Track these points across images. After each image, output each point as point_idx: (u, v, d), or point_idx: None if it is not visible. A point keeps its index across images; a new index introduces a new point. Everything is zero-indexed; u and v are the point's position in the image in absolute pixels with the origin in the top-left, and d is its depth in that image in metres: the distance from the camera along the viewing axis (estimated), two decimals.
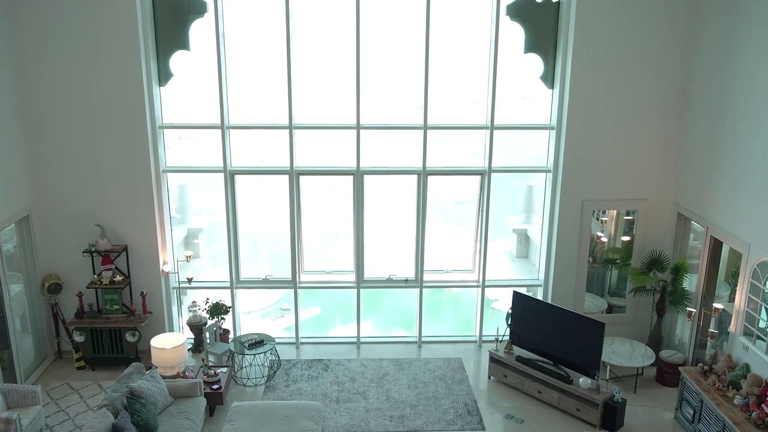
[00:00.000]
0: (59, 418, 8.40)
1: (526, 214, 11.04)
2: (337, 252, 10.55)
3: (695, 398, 8.02)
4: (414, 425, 8.35)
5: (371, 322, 11.01)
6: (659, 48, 9.11)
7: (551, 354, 8.89)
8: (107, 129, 9.14)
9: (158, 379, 8.07)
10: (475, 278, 10.31)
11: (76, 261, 9.49)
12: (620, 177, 9.58)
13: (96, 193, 9.37)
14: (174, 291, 10.02)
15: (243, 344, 9.30)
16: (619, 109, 9.31)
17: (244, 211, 10.08)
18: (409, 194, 9.98)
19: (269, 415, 7.72)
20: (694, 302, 9.07)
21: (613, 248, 10.24)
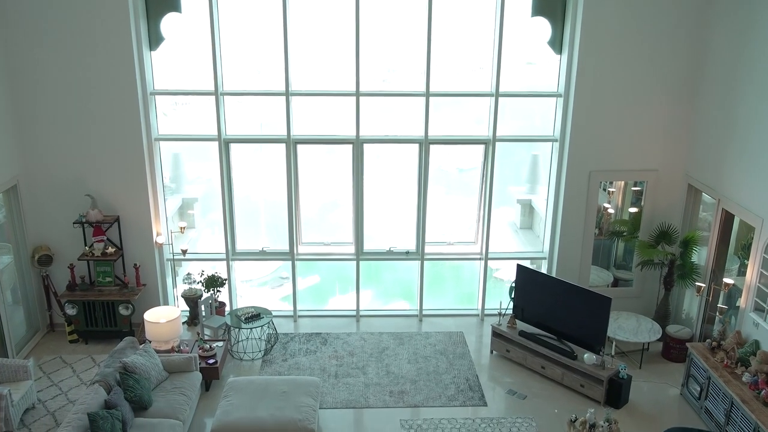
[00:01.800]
0: (52, 392, 8.22)
1: (531, 184, 10.73)
2: (336, 223, 10.28)
3: (702, 375, 7.83)
4: (414, 401, 8.18)
5: (371, 291, 10.79)
6: (673, 13, 8.70)
7: (555, 329, 8.68)
8: (96, 96, 8.80)
9: (152, 353, 7.87)
10: (477, 250, 10.05)
11: (66, 232, 9.22)
12: (629, 147, 9.26)
13: (86, 162, 9.06)
14: (168, 263, 9.77)
15: (239, 318, 9.08)
16: (630, 76, 8.94)
17: (240, 180, 9.78)
18: (410, 164, 9.66)
19: (266, 390, 7.54)
20: (703, 277, 8.83)
21: (619, 220, 9.96)
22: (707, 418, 7.72)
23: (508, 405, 8.13)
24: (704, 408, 7.80)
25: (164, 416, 7.20)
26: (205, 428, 7.65)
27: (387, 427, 7.71)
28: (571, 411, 7.88)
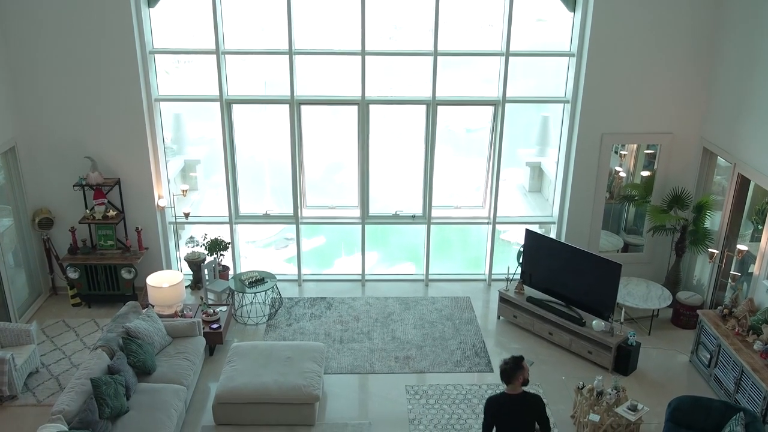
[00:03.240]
0: (55, 356, 8.18)
1: (541, 147, 10.49)
2: (341, 185, 10.09)
3: (713, 342, 7.71)
4: (420, 366, 8.11)
5: (377, 254, 10.65)
6: None
7: (564, 295, 8.54)
8: (94, 55, 8.54)
9: (155, 318, 7.79)
10: (485, 215, 9.86)
11: (66, 195, 9.06)
12: (643, 109, 8.97)
13: (85, 123, 8.84)
14: (170, 226, 9.62)
15: (243, 282, 8.97)
16: (646, 35, 8.60)
17: (243, 142, 9.56)
18: (417, 126, 9.41)
19: (270, 356, 7.47)
20: (716, 243, 8.63)
21: (631, 184, 9.73)
22: (716, 386, 7.63)
23: None
24: (713, 376, 7.69)
25: (168, 381, 7.16)
26: (209, 393, 7.61)
27: (392, 393, 7.65)
28: (578, 378, 7.80)
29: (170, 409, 6.70)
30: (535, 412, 5.44)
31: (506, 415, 5.43)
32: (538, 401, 5.47)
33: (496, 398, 5.50)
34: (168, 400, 6.80)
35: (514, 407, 5.42)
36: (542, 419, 5.46)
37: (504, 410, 5.44)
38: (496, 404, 5.46)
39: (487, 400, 5.52)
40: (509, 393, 5.44)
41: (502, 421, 5.45)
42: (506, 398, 5.44)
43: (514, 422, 5.44)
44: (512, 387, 5.41)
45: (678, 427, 6.55)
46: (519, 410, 5.42)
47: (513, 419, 5.43)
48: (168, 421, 6.57)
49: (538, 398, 5.50)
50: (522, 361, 5.42)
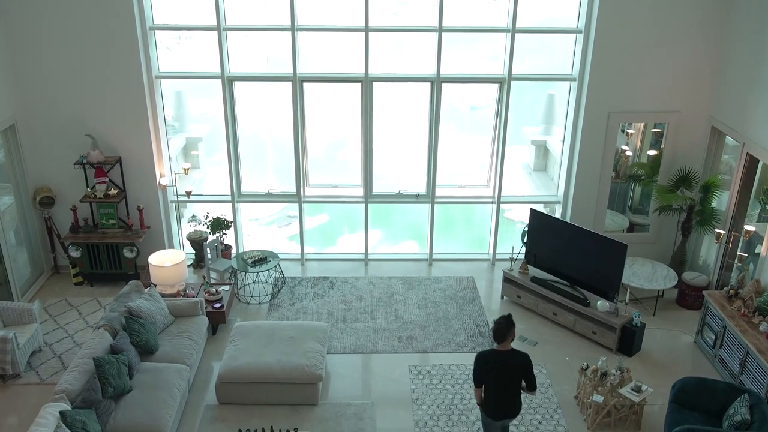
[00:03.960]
0: (58, 335, 8.17)
1: (546, 125, 10.36)
2: (345, 162, 9.99)
3: (718, 323, 7.66)
4: (423, 346, 8.08)
5: (380, 232, 10.59)
6: None
7: (568, 275, 8.48)
8: (94, 31, 8.40)
9: (157, 297, 7.76)
10: (490, 194, 9.77)
11: (67, 173, 8.99)
12: (652, 87, 8.82)
13: (85, 100, 8.74)
14: (172, 205, 9.56)
15: (246, 261, 8.92)
16: (654, 11, 8.43)
17: (245, 120, 9.45)
18: (421, 104, 9.28)
19: (273, 335, 7.45)
20: (723, 223, 8.54)
21: (638, 163, 9.62)
22: (721, 367, 7.60)
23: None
24: (718, 357, 7.66)
25: (171, 361, 7.15)
26: (212, 373, 7.60)
27: (395, 373, 7.64)
28: (582, 359, 7.78)
29: (173, 389, 6.69)
30: (522, 369, 5.66)
31: (495, 370, 5.66)
32: (527, 359, 5.68)
33: (487, 354, 5.71)
34: (171, 379, 6.79)
35: (503, 363, 5.65)
36: (529, 376, 5.67)
37: (493, 365, 5.66)
38: (486, 359, 5.68)
39: (478, 354, 5.72)
40: (499, 350, 5.66)
41: (490, 376, 5.68)
42: (496, 354, 5.66)
43: (502, 377, 5.67)
44: (503, 345, 5.62)
45: (682, 408, 6.53)
46: (507, 366, 5.65)
47: (501, 374, 5.67)
48: (171, 401, 6.56)
49: (526, 356, 5.69)
50: (512, 320, 5.66)
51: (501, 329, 5.56)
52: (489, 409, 5.78)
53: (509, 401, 5.75)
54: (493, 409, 5.76)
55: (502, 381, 5.69)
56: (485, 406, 5.79)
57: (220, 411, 7.01)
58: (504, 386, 5.70)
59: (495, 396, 5.73)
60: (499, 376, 5.67)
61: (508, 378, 5.67)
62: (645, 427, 6.86)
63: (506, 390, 5.71)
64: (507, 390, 5.71)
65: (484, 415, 5.84)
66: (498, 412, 5.77)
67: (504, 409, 5.78)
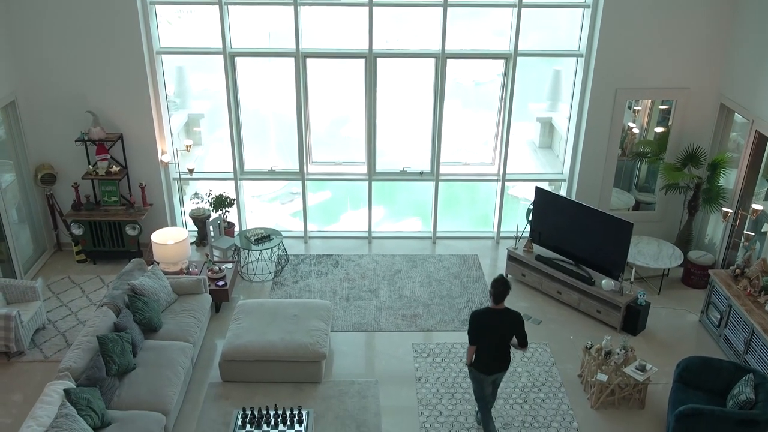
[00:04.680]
0: (61, 312, 8.16)
1: (552, 102, 10.23)
2: (348, 142, 9.89)
3: (723, 303, 7.62)
4: (427, 325, 8.06)
5: (383, 209, 10.52)
6: None
7: (573, 254, 8.43)
8: (94, 6, 8.27)
9: (160, 275, 7.74)
10: (494, 171, 9.68)
11: (69, 150, 8.91)
12: (660, 64, 8.67)
13: (86, 77, 8.63)
14: (175, 182, 9.50)
15: (249, 239, 8.88)
16: None
17: (248, 96, 9.34)
18: (426, 80, 9.16)
19: (276, 313, 7.44)
20: (730, 201, 8.46)
21: (645, 141, 9.50)
22: (726, 346, 7.57)
23: None
24: (723, 336, 7.63)
25: (174, 338, 7.14)
26: (216, 350, 7.60)
27: (399, 351, 7.63)
28: (586, 337, 7.76)
29: (177, 366, 6.69)
30: (515, 326, 5.95)
31: (489, 327, 5.93)
32: (519, 316, 5.99)
33: (482, 312, 5.98)
34: (175, 357, 6.79)
35: (497, 321, 5.93)
36: (521, 333, 5.97)
37: (487, 323, 5.93)
38: (481, 317, 5.95)
39: (473, 314, 5.98)
40: (494, 308, 5.93)
41: (484, 333, 5.94)
42: (490, 312, 5.94)
43: (495, 334, 5.94)
44: (499, 304, 5.91)
45: (686, 388, 6.51)
46: (501, 323, 5.93)
47: (495, 331, 5.94)
48: (175, 378, 6.57)
49: (518, 314, 6.00)
50: (508, 281, 5.94)
51: (502, 292, 5.83)
52: (482, 365, 6.03)
53: (502, 356, 6.04)
54: (487, 366, 6.02)
55: (496, 338, 5.95)
56: (478, 363, 6.04)
57: (223, 388, 7.02)
58: (498, 343, 5.97)
59: (489, 353, 5.99)
60: (493, 334, 5.94)
61: (502, 335, 5.95)
62: (649, 406, 6.86)
63: (499, 347, 5.99)
64: (500, 346, 5.99)
65: (476, 372, 6.06)
66: (491, 368, 6.03)
67: (497, 364, 6.05)
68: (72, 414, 5.60)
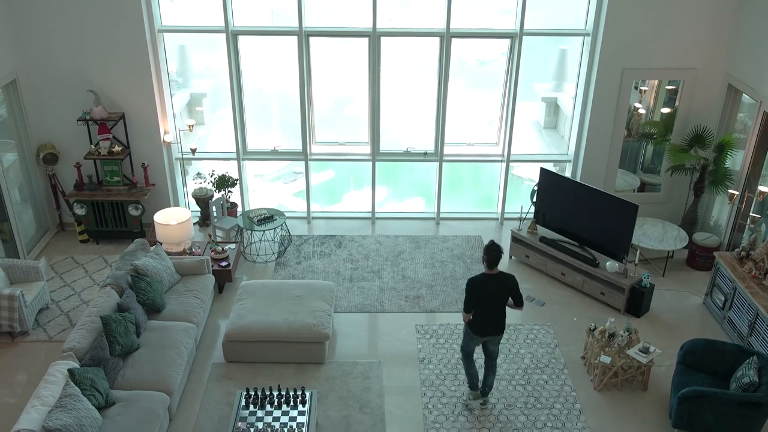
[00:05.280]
0: (65, 292, 8.17)
1: (558, 81, 10.12)
2: (351, 121, 9.81)
3: (728, 285, 7.59)
4: (430, 306, 8.06)
5: (386, 188, 10.46)
6: None
7: (578, 235, 8.39)
8: None
9: (163, 256, 7.72)
10: (499, 152, 9.61)
11: (70, 130, 8.86)
12: (668, 43, 8.56)
13: (87, 55, 8.55)
14: (177, 162, 9.45)
15: (252, 220, 8.85)
16: None
17: (250, 75, 9.25)
18: (430, 59, 9.06)
19: (280, 294, 7.43)
20: (736, 183, 8.39)
21: (651, 122, 9.41)
22: (730, 328, 7.55)
23: (526, 312, 7.98)
24: (727, 318, 7.61)
25: (178, 319, 7.15)
26: (219, 331, 7.61)
27: (402, 332, 7.63)
28: (590, 319, 7.75)
29: (180, 347, 6.70)
30: (509, 288, 6.16)
31: (485, 291, 6.11)
32: (513, 279, 6.20)
33: (477, 278, 6.14)
34: (178, 337, 6.80)
35: (492, 285, 6.12)
36: (516, 294, 6.20)
37: (483, 287, 6.11)
38: (477, 283, 6.12)
39: (469, 280, 6.14)
40: (488, 273, 6.11)
41: (481, 298, 6.12)
42: (486, 277, 6.12)
43: (492, 298, 6.13)
44: (494, 270, 6.09)
45: (689, 370, 6.51)
46: (496, 287, 6.13)
47: (491, 295, 6.12)
48: (178, 359, 6.58)
49: (512, 276, 6.21)
50: (500, 246, 6.11)
51: (496, 257, 6.01)
52: (478, 328, 6.22)
53: (497, 319, 6.21)
54: (482, 329, 6.22)
55: (492, 302, 6.14)
56: (474, 325, 6.23)
57: (227, 369, 7.03)
58: (493, 306, 6.15)
59: (485, 316, 6.18)
60: (490, 299, 6.12)
61: (497, 298, 6.14)
62: (651, 388, 6.86)
63: (495, 310, 6.17)
64: (495, 310, 6.17)
65: (471, 332, 6.27)
66: (486, 330, 6.23)
67: (492, 328, 6.23)
68: (76, 394, 5.62)
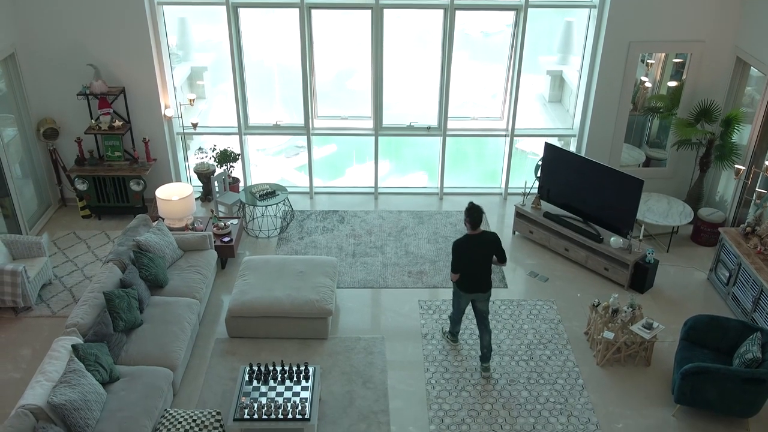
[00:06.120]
0: (68, 268, 8.17)
1: (563, 54, 9.98)
2: (353, 95, 9.70)
3: (733, 261, 7.55)
4: (433, 281, 8.04)
5: (389, 163, 10.38)
6: None
7: (582, 211, 8.33)
8: None
9: (165, 231, 7.69)
10: (503, 126, 9.51)
11: (71, 104, 8.78)
12: (675, 15, 8.40)
13: (86, 28, 8.43)
14: (178, 137, 9.37)
15: (254, 195, 8.81)
16: None
17: (251, 48, 9.12)
18: (434, 32, 8.91)
19: (282, 270, 7.41)
20: (743, 158, 8.30)
21: (657, 95, 9.29)
22: (734, 304, 7.53)
23: (529, 287, 7.98)
24: (731, 294, 7.58)
25: (180, 295, 7.15)
26: (222, 306, 7.62)
27: (405, 308, 7.63)
28: (593, 295, 7.74)
29: (184, 322, 6.71)
30: (492, 246, 6.46)
31: (470, 251, 6.40)
32: (495, 237, 6.49)
33: (463, 240, 6.43)
34: (181, 313, 6.80)
35: (477, 244, 6.41)
36: (499, 251, 6.51)
37: (468, 248, 6.39)
38: (463, 245, 6.40)
39: (455, 242, 6.41)
40: (471, 234, 6.40)
41: (467, 258, 6.42)
42: (470, 238, 6.42)
43: (477, 257, 6.42)
44: (477, 230, 6.36)
45: (692, 346, 6.50)
46: (480, 246, 6.42)
47: (476, 254, 6.42)
48: (182, 334, 6.59)
49: (494, 234, 6.50)
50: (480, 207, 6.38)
51: (478, 218, 6.28)
52: (464, 286, 6.52)
53: (483, 277, 6.48)
54: (469, 285, 6.50)
55: (477, 260, 6.42)
56: (462, 283, 6.52)
57: (230, 344, 7.05)
58: (478, 265, 6.44)
59: (471, 274, 6.46)
60: (476, 258, 6.41)
61: (482, 257, 6.43)
62: (654, 364, 6.86)
63: (480, 268, 6.45)
64: (480, 268, 6.45)
65: (459, 289, 6.58)
66: (473, 287, 6.51)
67: (478, 285, 6.49)
68: (80, 369, 5.63)
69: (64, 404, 5.28)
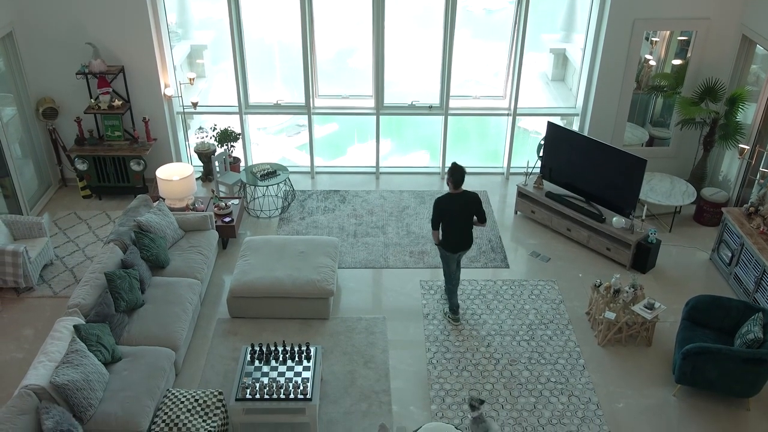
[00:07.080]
0: (69, 248, 8.16)
1: (566, 32, 9.88)
2: (355, 74, 9.62)
3: (735, 241, 7.52)
4: (435, 262, 8.03)
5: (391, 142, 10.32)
6: None
7: (584, 190, 8.29)
8: None
9: (166, 212, 7.67)
10: (505, 105, 9.43)
11: (70, 84, 8.70)
12: None
13: (84, 6, 8.32)
14: (178, 116, 9.31)
15: (255, 175, 8.77)
16: None
17: (252, 26, 9.02)
18: (436, 9, 8.80)
19: (284, 250, 7.40)
20: (747, 138, 8.23)
21: (661, 74, 9.19)
22: (736, 284, 7.52)
23: (531, 267, 7.97)
24: (734, 274, 7.57)
25: (182, 275, 7.15)
26: (223, 287, 7.62)
27: (407, 288, 7.63)
28: (595, 275, 7.73)
29: (185, 303, 6.72)
30: (473, 206, 6.63)
31: (451, 209, 6.56)
32: (476, 196, 6.65)
33: (444, 197, 6.60)
34: (182, 293, 6.81)
35: (458, 203, 6.57)
36: (479, 211, 6.68)
37: (449, 205, 6.55)
38: (443, 202, 6.56)
39: (436, 200, 6.58)
40: (453, 193, 6.57)
41: (448, 215, 6.59)
42: (451, 196, 6.58)
43: (457, 215, 6.59)
44: (458, 189, 6.54)
45: (694, 326, 6.50)
46: (461, 204, 6.58)
47: (458, 213, 6.59)
48: (183, 314, 6.60)
49: (475, 194, 6.66)
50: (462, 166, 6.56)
51: (460, 178, 6.48)
52: (449, 246, 6.71)
53: (465, 235, 6.71)
54: (453, 245, 6.70)
55: (460, 219, 6.61)
56: (446, 243, 6.71)
57: (232, 324, 7.06)
58: (460, 223, 6.63)
59: (453, 232, 6.65)
60: (458, 216, 6.58)
61: (463, 216, 6.61)
62: (655, 344, 6.87)
63: (461, 226, 6.65)
64: (462, 226, 6.65)
65: (444, 250, 6.76)
66: (457, 247, 6.72)
67: (461, 243, 6.73)
68: (82, 350, 5.64)
69: (67, 384, 5.30)
